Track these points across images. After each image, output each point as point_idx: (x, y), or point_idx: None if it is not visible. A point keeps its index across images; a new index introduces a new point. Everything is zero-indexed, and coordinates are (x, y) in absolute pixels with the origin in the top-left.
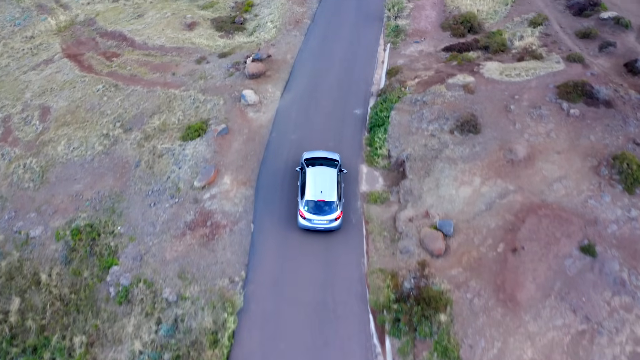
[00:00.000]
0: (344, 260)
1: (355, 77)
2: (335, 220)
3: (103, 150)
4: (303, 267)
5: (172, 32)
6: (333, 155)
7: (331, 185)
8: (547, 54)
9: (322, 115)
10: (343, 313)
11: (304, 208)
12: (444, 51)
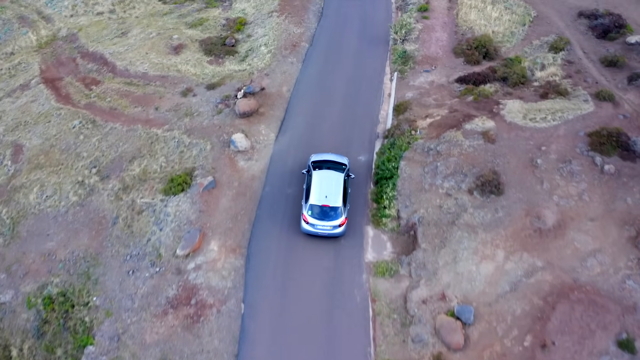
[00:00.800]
0: (348, 349)
1: (359, 114)
2: (339, 226)
3: (78, 202)
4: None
5: (156, 56)
6: (341, 159)
7: (337, 190)
8: (572, 88)
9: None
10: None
11: (308, 212)
12: (458, 82)
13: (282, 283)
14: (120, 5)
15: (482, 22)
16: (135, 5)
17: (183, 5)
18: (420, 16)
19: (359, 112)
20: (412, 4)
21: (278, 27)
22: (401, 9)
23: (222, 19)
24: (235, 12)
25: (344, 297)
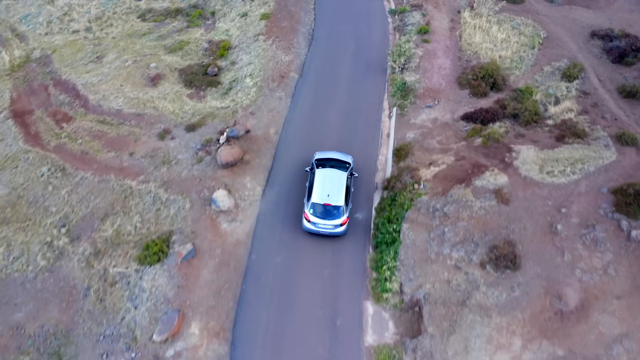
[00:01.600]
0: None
1: (355, 161)
2: (340, 225)
3: (47, 266)
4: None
5: (132, 89)
6: (345, 158)
7: (339, 189)
8: (590, 128)
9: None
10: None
11: (310, 211)
12: (464, 120)
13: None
14: (97, 22)
15: (488, 46)
16: (113, 23)
17: (163, 24)
18: (420, 39)
19: (355, 159)
20: (411, 24)
21: (264, 53)
22: (399, 30)
23: (204, 41)
24: (218, 32)
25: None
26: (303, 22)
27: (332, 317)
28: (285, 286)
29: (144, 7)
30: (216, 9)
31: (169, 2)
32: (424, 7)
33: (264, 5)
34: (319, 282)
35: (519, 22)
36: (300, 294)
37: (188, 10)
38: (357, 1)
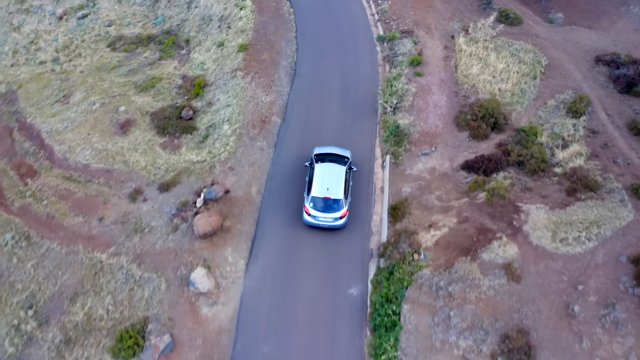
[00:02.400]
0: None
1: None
2: (340, 218)
3: (15, 354)
4: None
5: (99, 138)
6: (344, 152)
7: (338, 182)
8: (602, 177)
9: (303, 306)
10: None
11: (310, 205)
12: (464, 170)
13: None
14: (65, 52)
15: (487, 78)
16: (82, 53)
17: (134, 54)
18: (413, 72)
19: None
20: (402, 54)
21: (243, 93)
22: (389, 61)
23: (178, 76)
24: (193, 65)
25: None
26: (284, 53)
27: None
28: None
29: (114, 34)
30: (190, 35)
31: (140, 28)
32: (414, 33)
33: (241, 34)
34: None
35: (518, 47)
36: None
37: (161, 38)
38: (342, 27)
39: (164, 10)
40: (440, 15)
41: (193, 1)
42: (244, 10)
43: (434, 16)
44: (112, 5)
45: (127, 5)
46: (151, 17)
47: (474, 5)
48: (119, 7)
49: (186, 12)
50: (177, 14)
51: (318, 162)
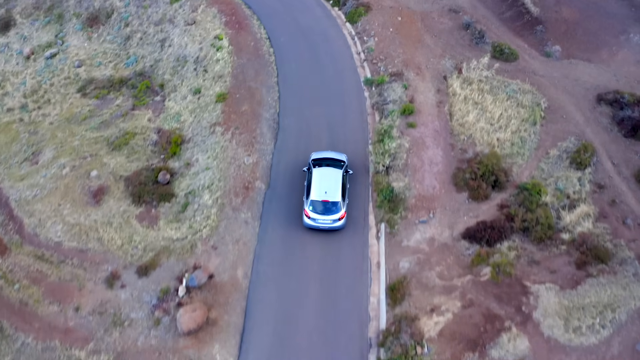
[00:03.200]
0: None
1: (341, 309)
2: (339, 220)
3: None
4: None
5: (71, 209)
6: (340, 156)
7: (336, 185)
8: (612, 244)
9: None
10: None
11: (309, 208)
12: (465, 239)
13: None
14: (34, 97)
15: (484, 126)
16: (51, 99)
17: (106, 101)
18: (405, 123)
19: (341, 304)
20: (392, 101)
21: (223, 153)
22: (378, 109)
23: (152, 131)
24: (169, 116)
25: None
26: (266, 103)
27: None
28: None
29: (85, 77)
30: (165, 79)
31: (112, 69)
32: (404, 75)
33: (219, 80)
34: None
35: (515, 87)
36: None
37: (134, 81)
38: (326, 69)
39: (136, 49)
40: (430, 51)
41: (167, 40)
42: (221, 51)
43: (424, 53)
44: (81, 42)
45: (98, 43)
46: (123, 57)
47: (465, 39)
48: (88, 44)
49: (160, 51)
50: (150, 53)
51: (315, 167)
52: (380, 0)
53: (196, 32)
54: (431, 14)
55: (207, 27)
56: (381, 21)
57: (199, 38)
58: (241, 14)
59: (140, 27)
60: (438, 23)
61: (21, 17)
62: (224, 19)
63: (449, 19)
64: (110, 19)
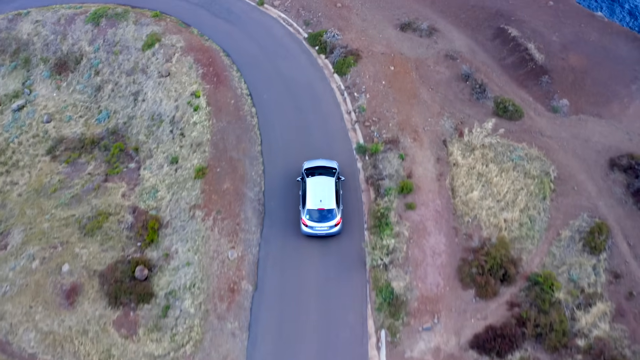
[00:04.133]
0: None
1: None
2: (335, 225)
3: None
4: None
5: (44, 313)
6: (331, 164)
7: (330, 194)
8: (632, 351)
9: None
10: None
11: (306, 217)
12: (474, 349)
13: None
14: (1, 158)
15: (489, 204)
16: (19, 160)
17: (77, 166)
18: (404, 204)
19: None
20: (388, 176)
21: (205, 245)
22: (373, 184)
23: (127, 210)
24: (144, 190)
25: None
26: (250, 178)
27: None
28: None
29: (54, 135)
30: (140, 140)
31: (82, 125)
32: (400, 142)
33: (197, 149)
34: None
35: (522, 153)
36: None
37: (106, 142)
38: (314, 134)
39: (107, 102)
40: (427, 109)
41: (140, 93)
42: (199, 112)
43: (421, 111)
44: (50, 92)
45: (67, 93)
46: (94, 111)
47: (465, 93)
48: (57, 94)
49: (133, 106)
50: (123, 108)
51: (309, 176)
52: (370, 46)
53: (171, 85)
54: (426, 61)
55: (183, 80)
56: (372, 72)
57: (175, 94)
58: (219, 63)
59: (111, 77)
60: (434, 72)
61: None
62: (200, 70)
63: (446, 67)
64: (80, 65)
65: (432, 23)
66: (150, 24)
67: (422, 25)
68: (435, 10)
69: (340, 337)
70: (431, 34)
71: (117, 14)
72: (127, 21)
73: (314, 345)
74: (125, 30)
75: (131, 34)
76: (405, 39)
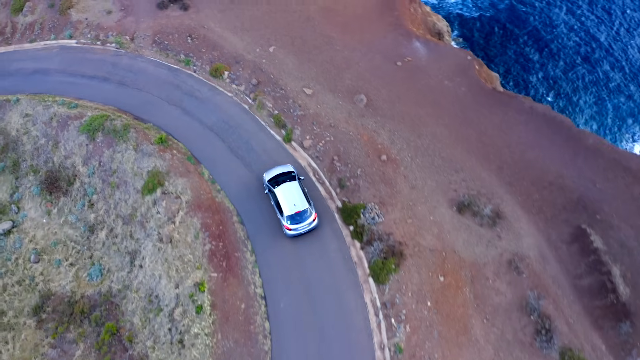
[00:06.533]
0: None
1: None
2: (313, 221)
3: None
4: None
5: None
6: (288, 168)
7: (300, 196)
8: None
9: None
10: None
11: (288, 222)
12: None
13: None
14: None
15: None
16: (4, 312)
17: (64, 343)
18: None
19: None
20: None
21: None
22: None
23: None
24: None
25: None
26: None
27: None
28: None
29: (41, 286)
30: (135, 325)
31: (72, 278)
32: None
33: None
34: None
35: None
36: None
37: (98, 315)
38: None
39: (101, 253)
40: (478, 354)
41: (137, 254)
42: (201, 317)
43: (472, 357)
44: (39, 216)
45: (58, 223)
46: (86, 260)
47: (526, 334)
48: (47, 221)
49: (129, 269)
50: (118, 268)
51: (275, 187)
52: (418, 235)
53: (172, 260)
54: (485, 269)
55: (186, 256)
56: (417, 284)
57: (176, 275)
58: (231, 237)
59: (106, 218)
60: (493, 291)
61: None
62: (208, 245)
63: (508, 285)
64: (73, 188)
65: (497, 203)
66: (153, 155)
67: (484, 208)
68: (502, 180)
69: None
70: (494, 223)
71: (116, 131)
72: (126, 143)
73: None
74: (124, 157)
75: (130, 165)
76: (462, 227)
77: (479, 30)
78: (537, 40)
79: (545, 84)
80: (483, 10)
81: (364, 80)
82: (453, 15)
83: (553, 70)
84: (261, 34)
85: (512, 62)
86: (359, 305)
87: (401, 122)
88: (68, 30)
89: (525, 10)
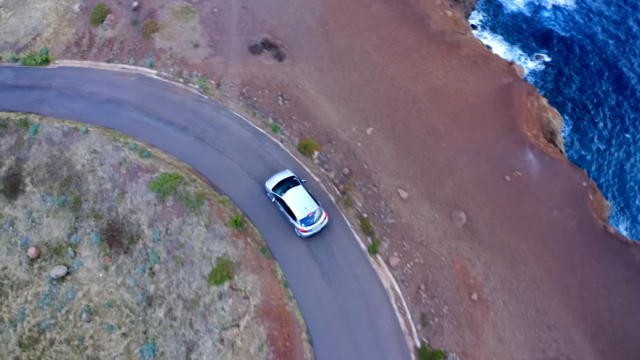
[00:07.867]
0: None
1: None
2: (324, 220)
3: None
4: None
5: None
6: (288, 174)
7: (307, 198)
8: None
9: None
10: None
11: (302, 225)
12: None
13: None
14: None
15: None
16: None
17: None
18: None
19: None
20: None
21: None
22: None
23: None
24: None
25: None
26: None
27: None
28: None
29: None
30: None
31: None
32: None
33: None
34: None
35: None
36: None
37: None
38: None
39: (156, 332)
40: None
41: (194, 348)
42: None
43: None
44: (96, 268)
45: (114, 282)
46: (140, 333)
47: None
48: (104, 277)
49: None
50: (172, 355)
51: (282, 195)
52: None
53: None
54: None
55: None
56: None
57: None
58: (297, 354)
59: (167, 294)
60: None
61: (32, 183)
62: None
63: None
64: (135, 247)
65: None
66: (225, 239)
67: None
68: (595, 348)
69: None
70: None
71: (189, 199)
72: (198, 217)
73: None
74: (193, 232)
75: (199, 244)
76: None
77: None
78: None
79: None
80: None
81: (466, 193)
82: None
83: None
84: (360, 109)
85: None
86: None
87: (499, 255)
88: (150, 57)
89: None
